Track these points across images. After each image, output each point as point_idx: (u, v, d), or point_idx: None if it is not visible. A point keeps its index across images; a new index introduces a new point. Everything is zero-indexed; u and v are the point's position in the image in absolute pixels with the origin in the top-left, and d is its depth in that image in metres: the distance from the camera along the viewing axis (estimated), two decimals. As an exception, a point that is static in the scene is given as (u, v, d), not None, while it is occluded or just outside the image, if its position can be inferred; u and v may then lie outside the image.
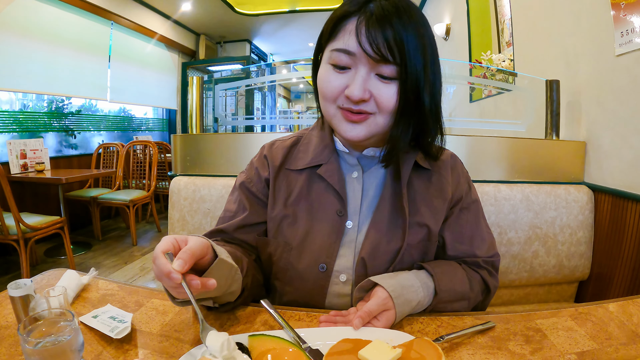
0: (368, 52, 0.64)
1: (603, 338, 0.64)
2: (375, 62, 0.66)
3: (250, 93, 4.32)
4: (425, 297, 0.72)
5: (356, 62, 0.67)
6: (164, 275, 0.54)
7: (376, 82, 0.67)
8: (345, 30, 0.67)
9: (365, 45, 0.64)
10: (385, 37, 0.63)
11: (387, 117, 0.69)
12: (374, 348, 0.55)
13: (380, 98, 0.67)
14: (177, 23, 6.31)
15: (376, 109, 0.68)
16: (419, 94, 0.67)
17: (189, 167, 1.72)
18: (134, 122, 5.86)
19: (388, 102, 0.67)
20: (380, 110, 0.68)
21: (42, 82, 3.94)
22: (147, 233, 4.25)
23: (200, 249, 0.58)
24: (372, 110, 0.68)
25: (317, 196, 0.80)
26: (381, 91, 0.67)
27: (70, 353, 0.52)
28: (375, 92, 0.67)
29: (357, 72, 0.67)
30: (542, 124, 1.78)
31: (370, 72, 0.67)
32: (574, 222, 1.59)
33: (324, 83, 0.71)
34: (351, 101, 0.67)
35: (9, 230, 2.55)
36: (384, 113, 0.68)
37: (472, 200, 0.86)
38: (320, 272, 0.76)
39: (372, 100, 0.68)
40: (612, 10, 1.50)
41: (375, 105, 0.68)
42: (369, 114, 0.69)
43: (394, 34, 0.63)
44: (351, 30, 0.66)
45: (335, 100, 0.70)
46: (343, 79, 0.68)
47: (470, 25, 3.73)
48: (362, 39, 0.64)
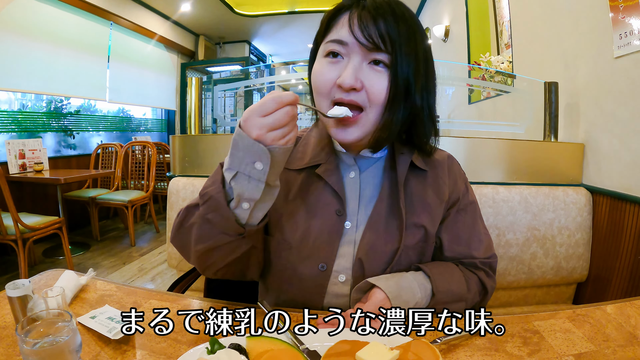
0: (360, 39, 0.66)
1: (601, 340, 0.64)
2: (368, 51, 0.67)
3: (249, 94, 4.33)
4: (423, 298, 0.72)
5: (349, 52, 0.68)
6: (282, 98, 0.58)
7: (368, 72, 0.68)
8: (338, 23, 0.70)
9: (357, 33, 0.66)
10: (377, 27, 0.66)
11: (377, 111, 0.69)
12: (371, 349, 0.55)
13: (371, 88, 0.68)
14: (177, 24, 6.31)
15: (367, 101, 0.69)
16: (409, 86, 0.69)
17: (188, 168, 1.72)
18: (133, 123, 5.86)
19: (379, 92, 0.68)
20: (370, 103, 0.69)
21: (41, 82, 3.94)
22: (145, 234, 4.24)
23: None
24: (362, 102, 0.69)
25: (315, 196, 0.80)
26: (372, 81, 0.68)
27: (68, 354, 0.52)
28: (367, 82, 0.68)
29: (349, 61, 0.68)
30: (540, 125, 1.78)
31: (362, 62, 0.68)
32: (572, 224, 1.59)
33: (318, 76, 0.72)
34: (343, 89, 0.68)
35: (7, 230, 2.55)
36: (375, 105, 0.69)
37: (469, 201, 0.86)
38: (320, 272, 0.76)
39: (364, 91, 0.68)
40: (610, 13, 1.51)
41: (366, 96, 0.68)
42: (360, 110, 0.69)
43: (385, 24, 0.66)
44: (344, 22, 0.69)
45: (328, 94, 0.70)
46: (336, 70, 0.69)
47: (469, 27, 3.74)
48: (354, 29, 0.67)
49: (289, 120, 0.59)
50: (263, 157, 0.59)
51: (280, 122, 0.58)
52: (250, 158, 0.60)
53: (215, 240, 0.66)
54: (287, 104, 0.58)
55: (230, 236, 0.66)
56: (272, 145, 0.59)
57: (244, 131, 0.59)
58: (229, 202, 0.64)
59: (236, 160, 0.61)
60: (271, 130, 0.58)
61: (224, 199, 0.63)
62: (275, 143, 0.59)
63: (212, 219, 0.64)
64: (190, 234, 0.69)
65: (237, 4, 6.03)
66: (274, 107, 0.58)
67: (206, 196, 0.64)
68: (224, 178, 0.63)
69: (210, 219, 0.64)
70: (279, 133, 0.59)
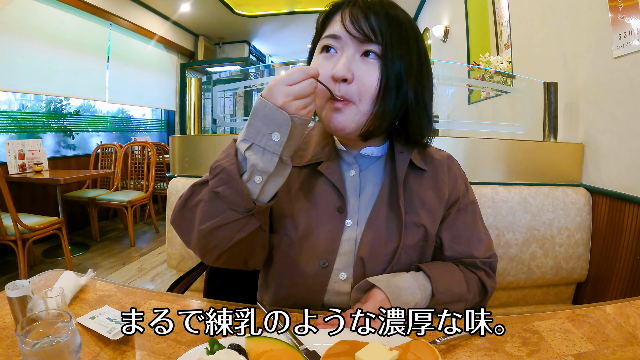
0: (351, 32, 0.68)
1: (600, 340, 0.64)
2: (360, 43, 0.69)
3: (249, 94, 4.33)
4: (423, 298, 0.72)
5: (342, 45, 0.70)
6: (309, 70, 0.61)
7: (360, 64, 0.69)
8: (332, 21, 0.73)
9: (349, 26, 0.69)
10: (368, 21, 0.68)
11: (368, 104, 0.69)
12: (371, 350, 0.55)
13: (362, 80, 0.68)
14: (176, 24, 6.31)
15: (357, 94, 0.69)
16: (401, 77, 0.69)
17: (187, 168, 1.72)
18: (133, 123, 5.86)
19: (370, 85, 0.68)
20: (361, 97, 0.69)
21: (40, 83, 3.94)
22: (145, 234, 4.24)
23: None
24: (353, 95, 0.69)
25: (317, 193, 0.80)
26: (363, 72, 0.69)
27: (68, 354, 0.52)
28: (358, 73, 0.69)
29: (343, 53, 0.70)
30: (540, 126, 1.78)
31: (355, 54, 0.70)
32: (572, 224, 1.59)
33: None
34: (335, 80, 0.69)
35: (7, 231, 2.55)
36: (365, 99, 0.69)
37: (469, 201, 0.86)
38: (321, 268, 0.76)
39: (354, 84, 0.69)
40: (610, 13, 1.51)
41: (357, 89, 0.69)
42: (350, 102, 0.70)
43: (377, 17, 0.68)
44: (337, 19, 0.71)
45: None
46: (331, 63, 0.70)
47: (468, 28, 3.74)
48: (346, 22, 0.69)
49: (312, 91, 0.62)
50: (283, 126, 0.61)
51: (305, 91, 0.61)
52: (268, 128, 0.61)
53: (222, 217, 0.64)
54: (312, 75, 0.62)
55: (239, 213, 0.64)
56: (295, 115, 0.61)
57: (268, 100, 0.61)
58: (242, 175, 0.63)
59: (253, 130, 0.62)
60: (296, 100, 0.61)
61: (237, 170, 0.63)
62: (299, 112, 0.61)
63: (222, 192, 0.63)
64: (195, 212, 0.67)
65: (237, 5, 6.04)
66: (301, 77, 0.61)
67: (218, 168, 0.63)
68: (237, 151, 0.64)
69: (220, 193, 0.63)
70: (303, 102, 0.61)
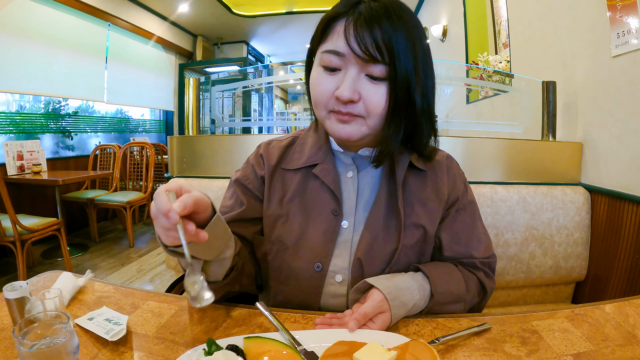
0: (356, 52, 0.64)
1: (599, 339, 0.64)
2: (365, 62, 0.65)
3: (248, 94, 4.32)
4: (421, 299, 0.72)
5: (346, 63, 0.67)
6: (161, 213, 0.52)
7: (366, 83, 0.67)
8: (334, 31, 0.68)
9: (353, 45, 0.64)
10: (373, 37, 0.63)
11: (376, 120, 0.69)
12: (369, 350, 0.55)
13: (369, 99, 0.67)
14: (174, 24, 6.30)
15: (364, 112, 0.68)
16: (409, 95, 0.67)
17: (186, 169, 1.72)
18: (131, 124, 5.85)
19: (377, 104, 0.67)
20: (368, 114, 0.68)
21: (39, 84, 3.93)
22: (144, 235, 4.24)
23: (202, 200, 0.58)
24: (360, 113, 0.68)
25: (312, 195, 0.80)
26: (370, 92, 0.66)
27: (66, 355, 0.52)
28: (364, 93, 0.67)
29: (346, 72, 0.67)
30: (538, 125, 1.78)
31: (360, 73, 0.67)
32: (571, 223, 1.59)
33: (315, 87, 0.71)
34: (340, 102, 0.67)
35: (6, 232, 2.54)
36: (373, 116, 0.68)
37: (468, 201, 0.86)
38: (315, 272, 0.76)
39: (361, 103, 0.67)
40: (608, 12, 1.51)
41: (364, 108, 0.67)
42: (358, 117, 0.69)
43: (382, 34, 0.63)
44: (340, 32, 0.66)
45: (326, 105, 0.70)
46: (333, 81, 0.68)
47: (467, 27, 3.74)
48: (350, 40, 0.65)
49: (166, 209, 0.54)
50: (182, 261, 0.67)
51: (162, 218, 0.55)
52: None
53: None
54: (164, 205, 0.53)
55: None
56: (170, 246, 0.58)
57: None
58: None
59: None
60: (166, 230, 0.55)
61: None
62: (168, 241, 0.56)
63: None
64: None
65: (235, 5, 6.03)
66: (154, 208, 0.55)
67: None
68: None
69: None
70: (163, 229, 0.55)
